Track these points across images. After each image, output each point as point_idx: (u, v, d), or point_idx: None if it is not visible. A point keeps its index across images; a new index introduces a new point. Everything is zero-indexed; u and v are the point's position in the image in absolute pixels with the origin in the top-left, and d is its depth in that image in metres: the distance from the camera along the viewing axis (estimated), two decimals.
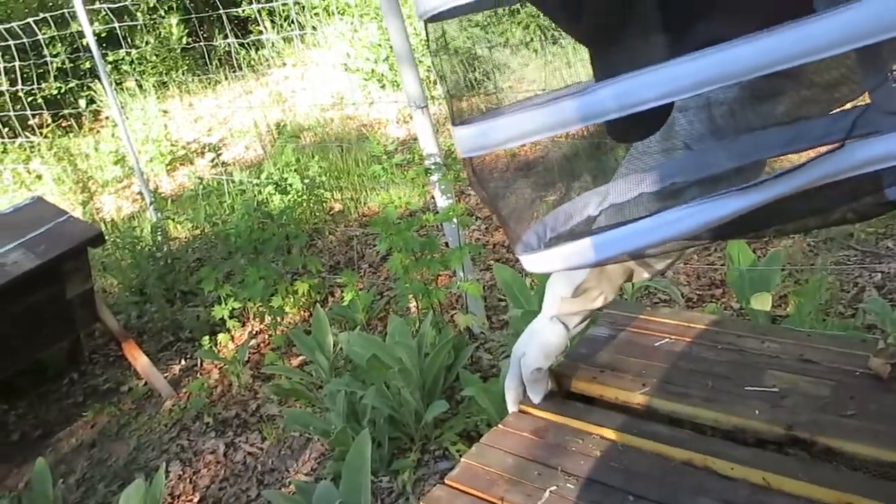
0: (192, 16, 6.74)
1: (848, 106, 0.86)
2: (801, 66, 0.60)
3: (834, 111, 0.85)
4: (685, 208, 0.71)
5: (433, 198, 3.25)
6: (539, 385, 1.41)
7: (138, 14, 8.77)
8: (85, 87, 8.27)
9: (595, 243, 0.77)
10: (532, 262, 0.85)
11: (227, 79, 8.29)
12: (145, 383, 3.62)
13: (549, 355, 1.37)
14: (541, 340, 1.36)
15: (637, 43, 0.71)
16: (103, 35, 7.12)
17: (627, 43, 0.72)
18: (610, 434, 1.31)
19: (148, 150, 6.64)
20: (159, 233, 4.49)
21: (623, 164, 1.02)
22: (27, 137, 7.35)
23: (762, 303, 2.72)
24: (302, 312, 3.82)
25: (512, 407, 1.44)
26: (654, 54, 0.68)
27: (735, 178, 0.91)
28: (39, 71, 6.98)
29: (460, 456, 1.37)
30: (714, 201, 0.70)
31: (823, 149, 0.72)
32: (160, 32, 9.10)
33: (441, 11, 0.70)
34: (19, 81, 6.48)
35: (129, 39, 8.67)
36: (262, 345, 3.72)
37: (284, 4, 8.03)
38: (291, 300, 3.76)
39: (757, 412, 1.26)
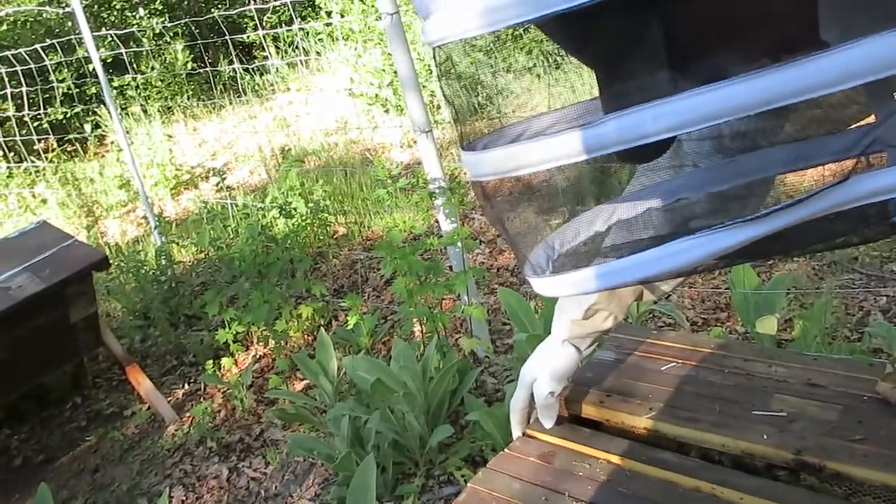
0: (198, 42, 6.79)
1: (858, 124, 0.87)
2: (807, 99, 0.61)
3: (843, 129, 0.86)
4: (691, 239, 0.72)
5: (437, 222, 3.26)
6: (551, 410, 1.41)
7: (144, 40, 8.85)
8: (90, 112, 8.32)
9: (603, 272, 0.78)
10: (541, 285, 0.86)
11: (231, 104, 8.34)
12: (148, 408, 3.60)
13: (562, 378, 1.37)
14: (553, 364, 1.36)
15: (643, 74, 0.72)
16: (109, 60, 7.19)
17: (634, 73, 0.73)
18: (617, 459, 1.30)
19: (153, 175, 6.68)
20: (163, 257, 4.49)
21: (632, 180, 1.03)
22: (32, 162, 7.39)
23: (767, 326, 2.71)
24: (306, 336, 3.82)
25: (517, 431, 1.44)
26: (660, 86, 0.69)
27: (741, 201, 0.92)
28: (45, 96, 7.02)
29: (465, 481, 1.37)
30: (720, 232, 0.71)
31: (828, 181, 0.73)
32: (166, 58, 9.18)
33: (448, 42, 0.71)
34: (26, 106, 6.53)
35: (134, 65, 8.75)
36: (265, 369, 3.72)
37: (289, 30, 8.11)
38: (295, 324, 3.75)
39: (765, 437, 1.25)
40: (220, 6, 10.79)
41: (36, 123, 7.14)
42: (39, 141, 7.22)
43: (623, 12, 0.62)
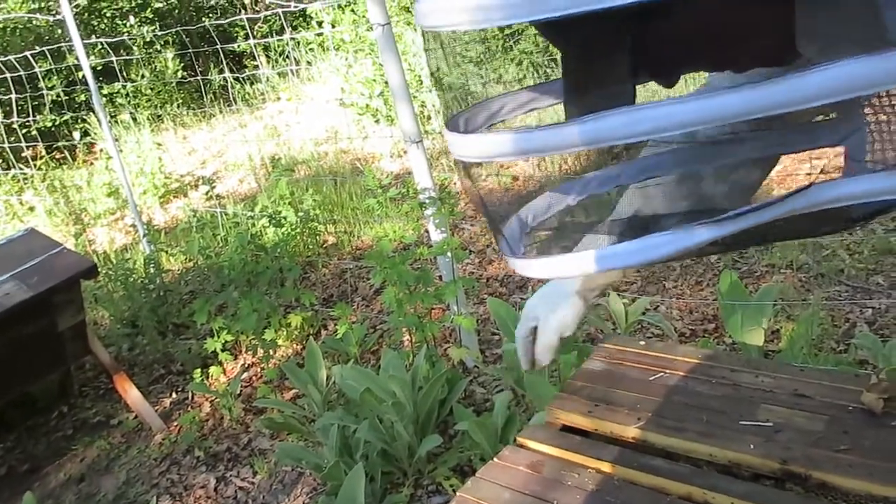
0: (189, 50, 6.80)
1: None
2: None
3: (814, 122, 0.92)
4: (664, 235, 0.75)
5: (427, 231, 3.27)
6: (553, 352, 1.40)
7: (134, 48, 8.85)
8: (79, 120, 8.30)
9: (578, 259, 0.81)
10: (518, 266, 0.89)
11: (221, 112, 8.35)
12: (136, 416, 3.59)
13: (569, 327, 1.38)
14: (561, 314, 1.36)
15: (612, 80, 0.75)
16: (99, 68, 7.18)
17: (603, 79, 0.76)
18: (606, 468, 1.31)
19: (142, 183, 6.66)
20: (152, 265, 4.48)
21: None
22: (21, 169, 7.36)
23: (755, 338, 2.73)
24: (295, 345, 3.81)
25: (525, 365, 1.43)
26: (626, 95, 0.73)
27: (711, 199, 0.97)
28: (34, 103, 7.01)
29: (454, 491, 1.37)
30: (691, 229, 0.75)
31: (793, 188, 0.78)
32: (156, 66, 9.18)
33: (440, 29, 0.74)
34: (14, 113, 6.51)
35: (124, 73, 8.73)
36: (254, 378, 3.71)
37: (280, 40, 8.12)
38: (284, 333, 3.75)
39: (752, 447, 1.27)
40: (210, 15, 10.80)
41: (24, 130, 7.11)
42: (28, 148, 7.19)
43: (605, 21, 0.63)
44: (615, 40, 0.73)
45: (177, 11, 10.64)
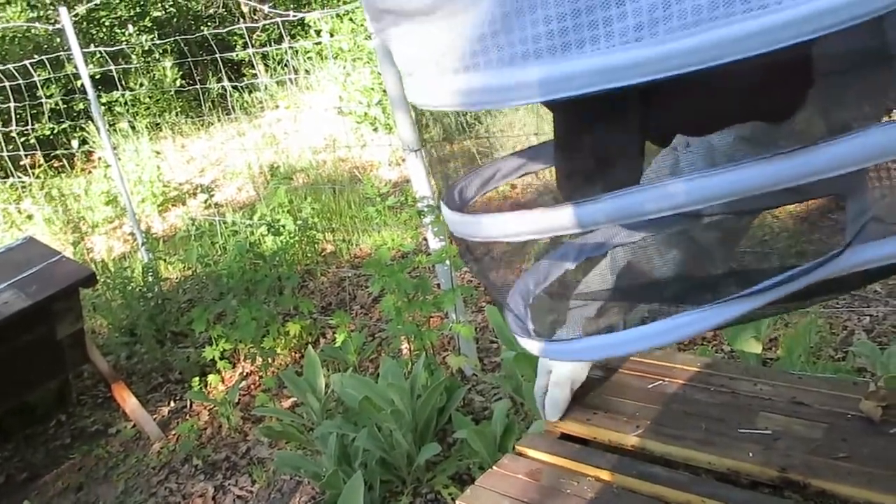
0: (187, 59, 6.81)
1: None
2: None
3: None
4: (693, 314, 0.74)
5: (425, 239, 3.27)
6: (562, 404, 1.44)
7: (133, 57, 8.87)
8: (78, 128, 8.31)
9: (595, 345, 0.81)
10: (530, 346, 0.89)
11: (220, 121, 8.36)
12: (134, 425, 3.58)
13: (579, 374, 1.43)
14: (571, 364, 1.41)
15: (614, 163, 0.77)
16: (98, 77, 7.19)
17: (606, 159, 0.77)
18: (605, 476, 1.31)
19: (140, 191, 6.66)
20: (150, 273, 4.48)
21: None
22: (19, 177, 7.36)
23: (753, 346, 2.73)
24: (293, 354, 3.81)
25: (544, 416, 1.47)
26: (627, 176, 0.75)
27: (744, 265, 0.96)
28: (33, 112, 7.01)
29: (452, 499, 1.37)
30: (721, 306, 0.73)
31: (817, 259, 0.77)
32: (154, 75, 9.20)
33: (429, 108, 0.74)
34: (13, 122, 6.51)
35: (123, 81, 8.75)
36: (252, 386, 3.70)
37: (278, 49, 8.14)
38: (283, 341, 3.74)
39: (750, 455, 1.27)
40: (209, 24, 10.83)
41: (23, 139, 7.12)
42: (26, 156, 7.19)
43: (611, 99, 0.63)
44: (624, 118, 0.73)
45: (175, 20, 10.67)
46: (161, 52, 9.22)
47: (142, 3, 10.13)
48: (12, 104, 6.14)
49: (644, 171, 0.93)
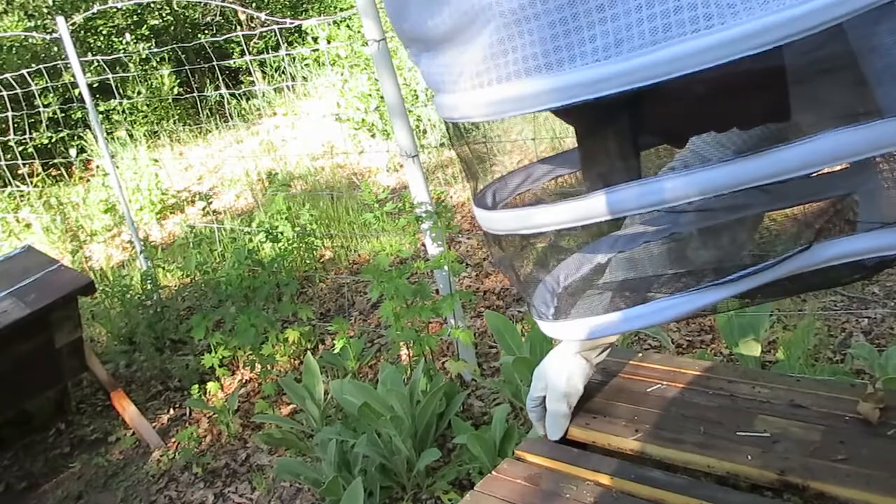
0: (185, 67, 6.82)
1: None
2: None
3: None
4: (675, 298, 0.84)
5: (424, 245, 3.27)
6: (563, 421, 1.46)
7: (131, 65, 8.88)
8: (76, 137, 8.31)
9: (603, 323, 0.90)
10: (548, 328, 0.97)
11: (218, 128, 8.37)
12: (133, 433, 3.58)
13: (576, 389, 1.44)
14: (567, 376, 1.43)
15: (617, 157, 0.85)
16: (96, 85, 7.20)
17: (611, 154, 0.86)
18: (604, 480, 1.31)
19: (138, 199, 6.66)
20: (149, 281, 4.48)
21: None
22: (17, 186, 7.37)
23: (751, 348, 2.73)
24: (292, 360, 3.81)
25: (541, 429, 1.49)
26: (630, 171, 0.84)
27: (726, 259, 1.05)
28: (31, 121, 7.02)
29: None
30: (699, 292, 0.83)
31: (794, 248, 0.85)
32: (152, 83, 9.21)
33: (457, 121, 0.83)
34: (11, 131, 6.52)
35: (121, 90, 8.76)
36: (252, 393, 3.70)
37: (276, 56, 8.15)
38: (282, 348, 3.74)
39: (749, 458, 1.27)
40: (206, 32, 10.85)
41: (21, 148, 7.13)
42: (24, 165, 7.20)
43: (603, 106, 0.71)
44: (616, 121, 0.81)
45: (173, 28, 10.69)
46: (158, 60, 9.23)
47: (139, 11, 10.14)
48: (10, 113, 6.15)
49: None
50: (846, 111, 0.80)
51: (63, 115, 8.16)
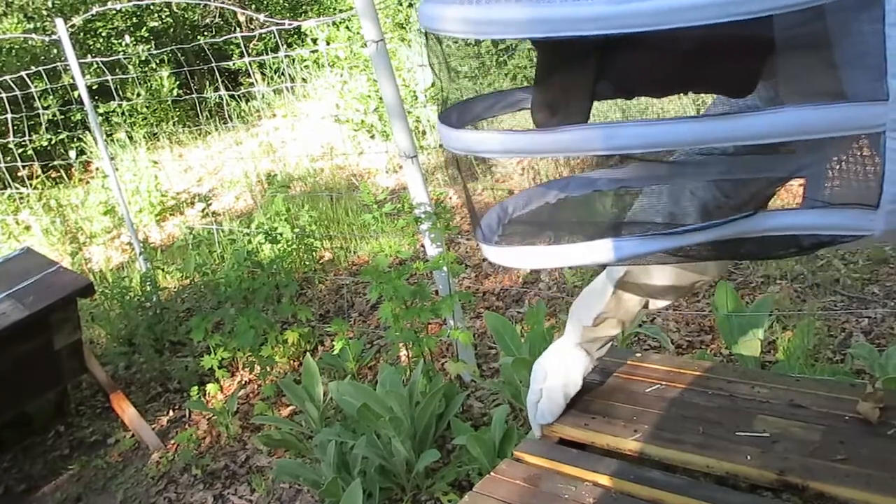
0: (184, 69, 6.82)
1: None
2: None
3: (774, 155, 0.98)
4: (624, 240, 0.85)
5: (423, 246, 3.27)
6: (559, 409, 1.47)
7: (130, 67, 8.87)
8: (75, 139, 8.31)
9: (544, 253, 0.90)
10: (489, 252, 0.97)
11: (217, 130, 8.36)
12: (133, 435, 3.57)
13: (575, 381, 1.45)
14: (567, 368, 1.44)
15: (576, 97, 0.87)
16: (95, 87, 7.20)
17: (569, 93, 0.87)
18: (603, 481, 1.31)
19: (138, 201, 6.66)
20: (148, 283, 4.48)
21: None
22: (17, 188, 7.36)
23: (751, 348, 2.73)
24: (292, 362, 3.80)
25: (537, 429, 1.49)
26: (581, 114, 0.86)
27: (673, 213, 1.09)
28: (30, 123, 7.02)
29: None
30: (641, 239, 0.85)
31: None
32: (151, 85, 9.20)
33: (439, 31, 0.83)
34: (10, 133, 6.52)
35: (120, 92, 8.76)
36: (251, 395, 3.70)
37: (275, 57, 8.15)
38: (281, 349, 3.74)
39: (748, 458, 1.27)
40: (206, 33, 10.85)
41: (20, 150, 7.12)
42: (24, 167, 7.20)
43: (577, 44, 0.74)
44: (585, 61, 0.82)
45: (172, 30, 10.69)
46: (158, 62, 9.23)
47: (138, 13, 10.14)
48: (9, 115, 6.15)
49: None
50: (813, 90, 0.83)
51: (62, 117, 8.17)
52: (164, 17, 10.48)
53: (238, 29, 10.88)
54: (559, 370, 1.43)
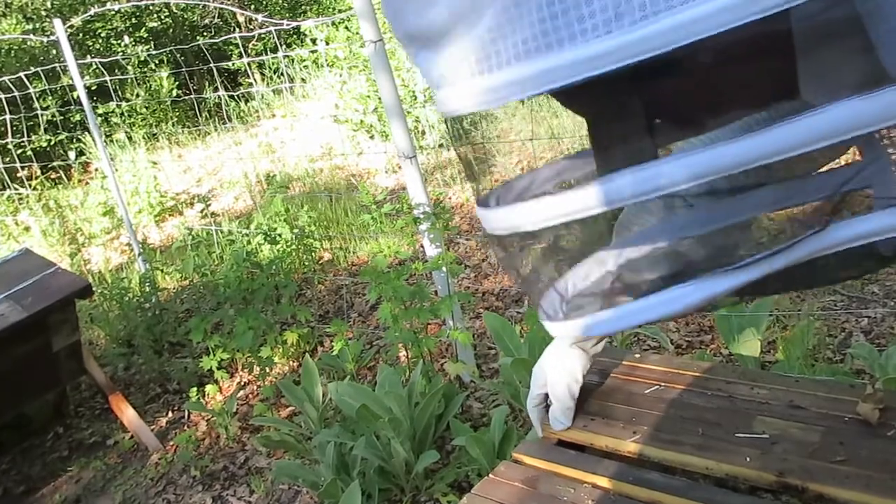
0: (183, 69, 6.81)
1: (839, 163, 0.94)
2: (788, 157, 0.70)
3: (822, 170, 0.93)
4: (687, 286, 0.81)
5: (422, 247, 3.27)
6: (570, 411, 1.46)
7: (129, 68, 8.87)
8: (74, 140, 8.31)
9: (609, 317, 0.88)
10: (555, 328, 0.96)
11: (216, 130, 8.36)
12: (132, 436, 3.57)
13: (577, 378, 1.44)
14: (566, 367, 1.42)
15: (630, 139, 0.81)
16: (94, 88, 7.19)
17: (623, 137, 0.82)
18: (602, 482, 1.30)
19: (137, 202, 6.66)
20: (148, 284, 4.47)
21: (624, 217, 1.12)
22: (16, 189, 7.36)
23: (751, 349, 2.73)
24: (291, 362, 3.80)
25: (539, 430, 1.49)
26: (645, 152, 0.79)
27: (733, 248, 1.00)
28: (29, 124, 7.02)
29: None
30: (712, 279, 0.80)
31: (809, 230, 0.82)
32: (151, 85, 9.20)
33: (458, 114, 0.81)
34: (9, 134, 6.51)
35: (119, 92, 8.75)
36: (250, 396, 3.69)
37: (274, 58, 8.15)
38: (280, 350, 3.73)
39: (748, 459, 1.26)
40: (205, 34, 10.85)
41: (20, 151, 7.13)
42: (23, 168, 7.20)
43: (609, 87, 0.71)
44: (626, 102, 0.78)
45: (171, 31, 10.69)
46: (157, 62, 9.23)
47: (137, 14, 10.14)
48: (8, 116, 6.14)
49: None
50: (855, 80, 0.77)
51: (62, 117, 8.17)
52: (163, 17, 10.48)
53: (237, 29, 10.88)
54: (560, 372, 1.42)
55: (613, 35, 0.64)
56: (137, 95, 8.94)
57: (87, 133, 7.90)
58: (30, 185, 7.47)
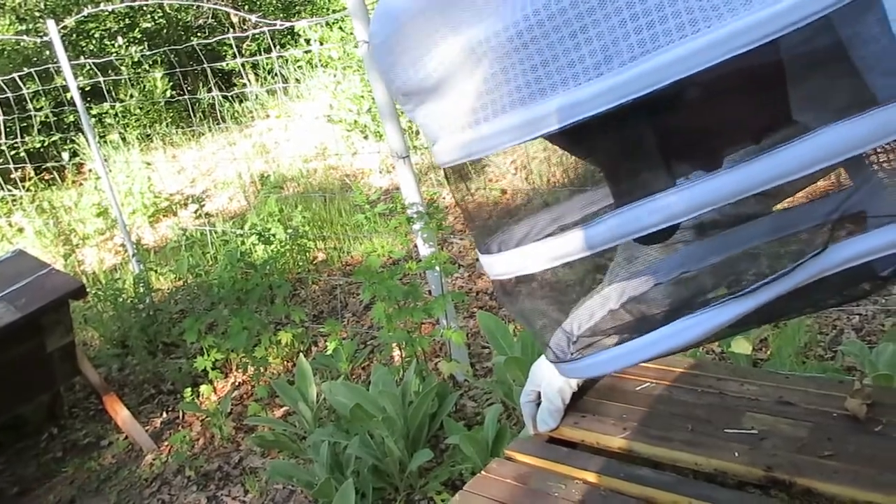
0: (177, 70, 6.81)
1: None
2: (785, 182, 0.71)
3: (816, 198, 0.95)
4: (693, 317, 0.83)
5: (416, 246, 3.27)
6: (559, 412, 1.46)
7: (123, 68, 8.86)
8: (68, 141, 8.29)
9: (619, 353, 0.89)
10: (566, 370, 0.97)
11: (210, 131, 8.35)
12: (126, 437, 3.57)
13: (572, 385, 1.45)
14: (562, 377, 1.42)
15: (640, 173, 0.81)
16: (88, 89, 7.18)
17: (632, 174, 0.82)
18: (592, 479, 1.31)
19: (131, 202, 6.65)
20: (141, 284, 4.47)
21: (620, 255, 1.15)
22: (9, 190, 7.35)
23: (742, 346, 2.74)
24: (285, 362, 3.80)
25: (531, 427, 1.49)
26: (660, 183, 0.78)
27: (735, 277, 1.02)
28: (23, 125, 7.00)
29: None
30: (716, 309, 0.82)
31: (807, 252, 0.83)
32: (144, 86, 9.19)
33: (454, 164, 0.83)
34: (2, 135, 6.50)
35: (113, 93, 8.74)
36: (245, 396, 3.70)
37: (268, 58, 8.14)
38: (275, 350, 3.74)
39: (736, 454, 1.27)
40: (199, 34, 10.83)
41: (13, 152, 7.11)
42: (16, 169, 7.18)
43: (614, 125, 0.71)
44: (627, 131, 0.78)
45: (165, 31, 10.67)
46: (151, 63, 9.21)
47: (131, 14, 10.12)
48: (1, 117, 6.13)
49: None
50: (843, 104, 0.78)
51: (55, 118, 8.15)
52: (156, 18, 10.46)
53: (231, 30, 10.87)
54: (555, 375, 1.43)
55: (605, 76, 0.66)
56: (131, 96, 8.93)
57: (80, 134, 7.89)
58: (23, 187, 7.46)
